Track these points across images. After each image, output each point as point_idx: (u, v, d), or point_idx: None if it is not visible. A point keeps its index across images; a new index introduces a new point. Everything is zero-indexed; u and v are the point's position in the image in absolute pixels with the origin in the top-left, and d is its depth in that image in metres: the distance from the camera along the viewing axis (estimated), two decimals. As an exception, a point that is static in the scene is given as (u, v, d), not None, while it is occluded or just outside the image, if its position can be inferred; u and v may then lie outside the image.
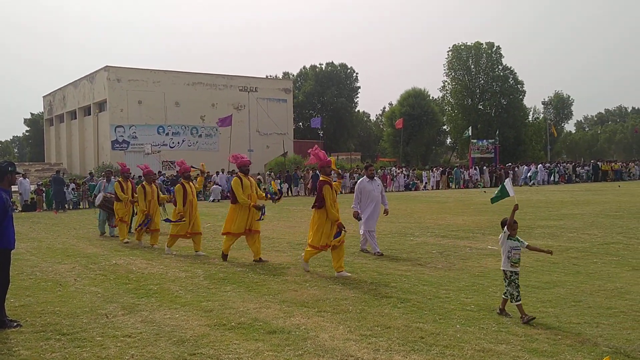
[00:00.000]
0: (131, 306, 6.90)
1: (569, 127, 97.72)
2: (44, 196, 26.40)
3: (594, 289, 7.24)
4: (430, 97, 66.13)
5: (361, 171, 29.85)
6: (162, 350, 5.20)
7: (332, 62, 72.17)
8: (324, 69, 71.77)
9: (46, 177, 37.44)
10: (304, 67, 74.22)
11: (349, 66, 72.81)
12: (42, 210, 25.65)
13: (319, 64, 72.68)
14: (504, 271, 6.10)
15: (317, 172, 33.82)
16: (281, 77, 71.60)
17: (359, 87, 73.93)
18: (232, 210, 10.12)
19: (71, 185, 27.16)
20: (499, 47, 61.38)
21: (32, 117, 78.47)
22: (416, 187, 38.04)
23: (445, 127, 68.49)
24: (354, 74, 73.10)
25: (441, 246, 11.33)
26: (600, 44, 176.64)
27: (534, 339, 5.27)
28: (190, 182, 11.54)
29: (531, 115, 69.93)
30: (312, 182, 33.36)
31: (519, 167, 42.46)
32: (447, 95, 64.70)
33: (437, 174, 39.20)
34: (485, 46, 61.22)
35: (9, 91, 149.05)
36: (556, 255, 9.79)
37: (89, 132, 51.14)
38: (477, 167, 41.44)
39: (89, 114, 50.93)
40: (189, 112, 48.48)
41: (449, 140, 73.34)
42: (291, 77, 72.05)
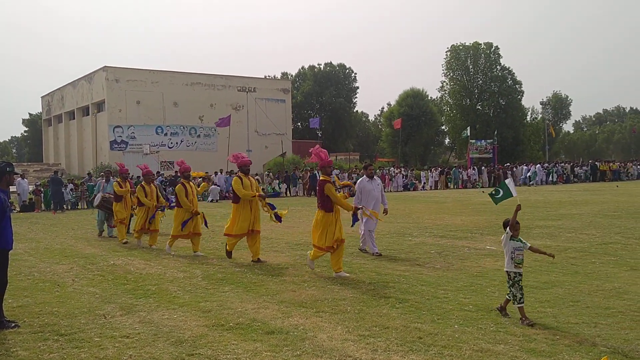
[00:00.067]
0: (129, 307, 6.90)
1: (567, 127, 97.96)
2: (42, 197, 26.36)
3: (592, 289, 7.25)
4: (428, 98, 66.11)
5: (360, 171, 29.87)
6: (160, 350, 5.20)
7: (331, 63, 72.23)
8: (322, 69, 71.74)
9: (44, 177, 37.40)
10: (303, 68, 74.25)
11: (348, 66, 72.86)
12: (40, 210, 25.61)
13: (317, 64, 72.73)
14: (508, 272, 6.05)
15: (315, 172, 33.97)
16: (280, 78, 71.57)
17: (358, 88, 74.10)
18: (234, 210, 10.09)
19: (69, 185, 27.12)
20: (498, 47, 61.42)
21: (30, 117, 78.33)
22: (415, 187, 38.05)
23: (443, 127, 68.50)
24: (353, 74, 73.13)
25: (439, 246, 11.33)
26: (598, 44, 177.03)
27: (532, 339, 5.28)
28: (190, 182, 11.54)
29: (529, 115, 70.15)
30: (310, 182, 33.37)
31: (517, 167, 42.50)
32: (446, 95, 64.72)
33: (435, 174, 39.22)
34: (483, 46, 61.24)
35: (7, 91, 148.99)
36: (554, 255, 9.81)
37: (87, 133, 51.09)
38: (475, 167, 41.46)
39: (88, 114, 50.87)
40: (188, 113, 48.47)
41: (447, 140, 73.34)
42: (290, 77, 72.01)
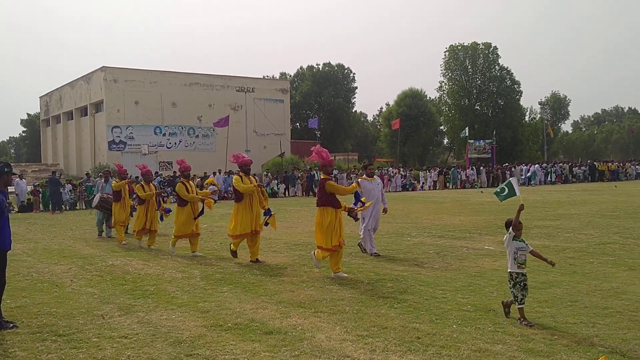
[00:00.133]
0: (127, 307, 6.90)
1: (566, 127, 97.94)
2: (41, 197, 26.35)
3: (590, 289, 7.26)
4: (427, 98, 66.11)
5: (358, 171, 29.86)
6: (159, 351, 5.20)
7: (329, 63, 72.17)
8: (321, 69, 71.70)
9: (43, 177, 37.34)
10: (301, 68, 74.20)
11: (346, 66, 72.78)
12: (38, 211, 25.60)
13: (316, 65, 72.64)
14: (510, 273, 6.01)
15: (312, 173, 33.93)
16: (278, 78, 71.53)
17: (356, 88, 73.92)
18: (236, 209, 10.07)
19: (67, 186, 27.10)
20: (496, 47, 61.45)
21: (28, 117, 78.22)
22: (413, 188, 38.08)
23: (442, 128, 68.52)
24: (351, 75, 73.08)
25: (438, 246, 11.34)
26: (597, 44, 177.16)
27: (530, 339, 5.28)
28: (190, 181, 11.52)
29: (528, 115, 70.13)
30: (307, 183, 33.36)
31: (515, 167, 42.54)
32: (444, 95, 64.79)
33: (434, 174, 39.26)
34: (482, 46, 61.29)
35: (6, 92, 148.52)
36: (553, 255, 9.81)
37: (85, 133, 50.99)
38: (474, 168, 41.51)
39: (86, 115, 50.78)
40: (186, 113, 48.41)
41: (446, 140, 73.34)
42: (288, 77, 71.98)
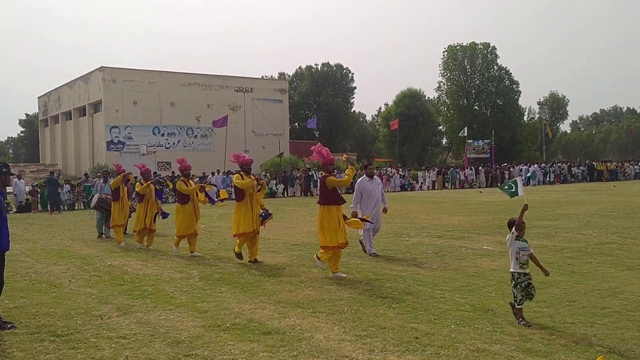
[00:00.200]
0: (126, 307, 6.89)
1: (565, 127, 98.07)
2: (39, 197, 26.32)
3: (589, 289, 7.26)
4: (425, 98, 66.09)
5: (358, 171, 29.81)
6: (157, 351, 5.19)
7: (328, 63, 72.16)
8: (319, 69, 71.69)
9: (41, 178, 37.30)
10: (300, 68, 74.20)
11: (345, 66, 72.76)
12: (37, 211, 25.57)
13: (314, 65, 72.62)
14: (512, 273, 5.97)
15: (309, 173, 33.90)
16: (277, 78, 71.52)
17: (355, 88, 73.85)
18: (236, 209, 10.06)
19: (66, 186, 27.08)
20: (495, 47, 61.47)
21: (27, 118, 78.13)
22: (412, 188, 38.08)
23: (441, 128, 68.53)
24: (350, 75, 73.10)
25: (436, 246, 11.34)
26: (595, 45, 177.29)
27: (528, 339, 5.28)
28: (190, 180, 11.51)
29: (526, 115, 70.13)
30: (305, 183, 33.34)
31: (514, 167, 42.57)
32: (443, 95, 64.81)
33: (432, 174, 39.26)
34: (480, 46, 61.32)
35: (4, 92, 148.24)
36: (551, 255, 9.84)
37: (84, 133, 50.95)
38: (472, 168, 41.53)
39: (84, 115, 50.73)
40: (185, 113, 48.39)
41: (444, 140, 73.37)
42: (287, 77, 71.97)
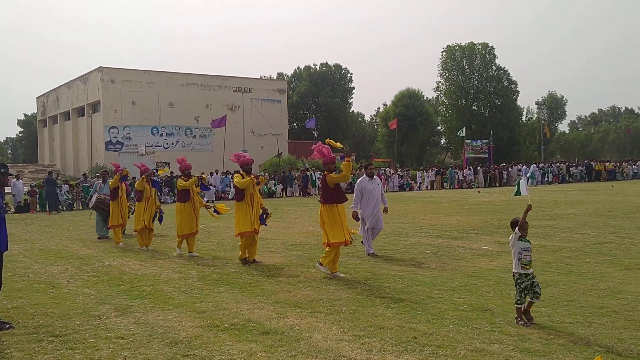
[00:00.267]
0: (124, 307, 6.89)
1: (563, 127, 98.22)
2: (38, 197, 26.28)
3: (587, 289, 7.27)
4: (424, 98, 66.12)
5: (356, 171, 29.83)
6: (155, 351, 5.19)
7: (327, 63, 72.17)
8: (318, 69, 71.70)
9: (40, 178, 37.28)
10: (298, 68, 74.17)
11: (344, 67, 72.81)
12: (35, 211, 25.53)
13: (313, 65, 72.64)
14: (513, 274, 5.97)
15: (307, 173, 33.88)
16: (275, 78, 71.50)
17: (354, 88, 73.88)
18: (237, 209, 10.04)
19: (64, 186, 27.05)
20: (493, 47, 61.54)
21: (25, 118, 78.10)
22: (410, 188, 38.10)
23: (439, 128, 68.57)
24: (349, 75, 73.14)
25: (435, 246, 11.35)
26: (594, 45, 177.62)
27: (526, 339, 5.29)
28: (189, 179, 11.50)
29: (525, 115, 70.24)
30: (302, 183, 33.32)
31: (512, 167, 42.61)
32: (441, 95, 64.87)
33: (431, 174, 39.28)
34: (479, 47, 61.37)
35: (3, 92, 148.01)
36: (549, 254, 9.85)
37: (82, 133, 50.90)
38: (471, 168, 41.56)
39: (83, 115, 50.69)
40: (183, 113, 48.37)
41: (443, 140, 73.41)
42: (285, 77, 71.96)
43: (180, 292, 7.69)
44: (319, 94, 68.38)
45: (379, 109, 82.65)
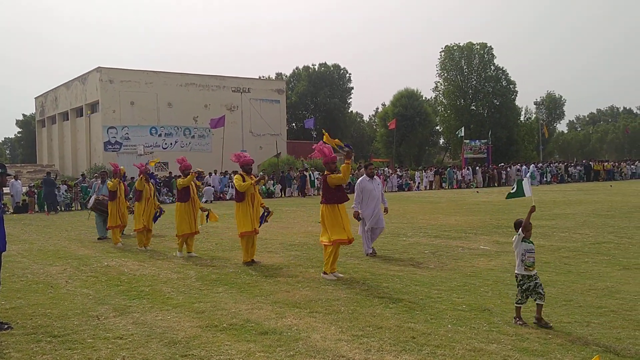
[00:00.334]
0: (123, 308, 6.89)
1: (561, 127, 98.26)
2: (36, 198, 26.25)
3: (585, 288, 7.28)
4: (423, 98, 66.17)
5: (355, 171, 29.82)
6: (154, 351, 5.19)
7: (325, 63, 72.20)
8: (317, 69, 71.73)
9: (38, 178, 37.24)
10: (297, 68, 74.23)
11: (342, 67, 72.88)
12: (34, 212, 25.51)
13: (312, 65, 72.67)
14: (516, 275, 5.94)
15: (304, 173, 33.85)
16: (274, 78, 71.50)
17: (352, 88, 73.90)
18: (237, 209, 10.04)
19: (63, 187, 27.02)
20: (491, 47, 61.54)
21: (24, 118, 78.02)
22: (409, 188, 38.11)
23: (438, 128, 68.60)
24: (347, 75, 73.18)
25: (433, 246, 11.36)
26: (592, 45, 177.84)
27: (524, 339, 5.30)
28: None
29: (523, 115, 70.31)
30: (300, 184, 33.31)
31: (511, 167, 42.64)
32: (440, 95, 64.86)
33: (430, 175, 39.28)
34: (477, 47, 61.39)
35: (1, 93, 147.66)
36: (548, 254, 9.85)
37: (81, 134, 50.87)
38: (470, 168, 41.57)
39: (81, 115, 50.65)
40: (182, 113, 48.36)
41: (442, 140, 73.48)
42: (284, 78, 71.96)
43: (178, 293, 7.69)
44: (317, 94, 68.40)
45: (377, 109, 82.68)
